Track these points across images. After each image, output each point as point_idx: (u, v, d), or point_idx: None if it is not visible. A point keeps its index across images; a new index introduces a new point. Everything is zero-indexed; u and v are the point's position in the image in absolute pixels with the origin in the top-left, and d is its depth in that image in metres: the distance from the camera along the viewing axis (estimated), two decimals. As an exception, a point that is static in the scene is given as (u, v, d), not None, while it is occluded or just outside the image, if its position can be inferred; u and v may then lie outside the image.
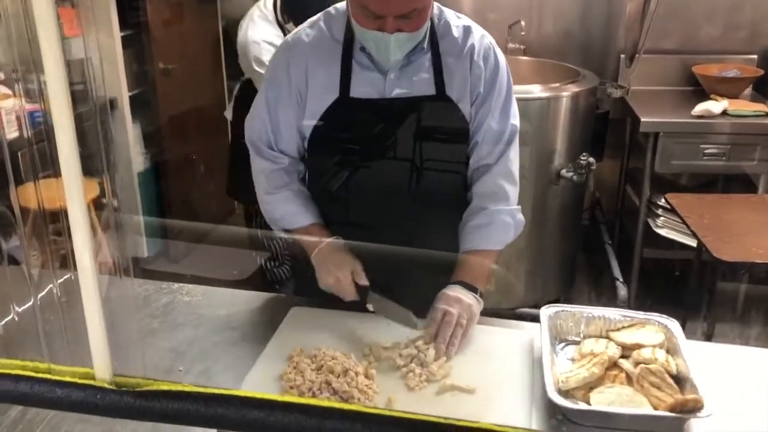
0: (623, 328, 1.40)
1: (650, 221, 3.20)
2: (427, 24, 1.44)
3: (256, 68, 2.69)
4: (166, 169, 3.75)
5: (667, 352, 1.33)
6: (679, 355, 1.30)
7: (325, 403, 0.73)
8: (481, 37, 1.52)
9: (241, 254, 3.69)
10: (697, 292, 2.71)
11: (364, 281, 1.44)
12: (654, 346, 1.33)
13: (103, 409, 0.79)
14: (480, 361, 1.35)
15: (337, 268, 1.45)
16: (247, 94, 3.12)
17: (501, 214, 1.52)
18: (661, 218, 3.14)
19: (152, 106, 3.63)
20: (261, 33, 2.72)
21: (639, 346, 1.33)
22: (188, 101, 3.91)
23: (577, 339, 1.42)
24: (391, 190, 1.54)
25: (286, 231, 1.58)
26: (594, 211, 3.80)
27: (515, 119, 1.54)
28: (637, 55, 2.94)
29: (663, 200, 3.08)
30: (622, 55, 3.46)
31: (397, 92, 1.48)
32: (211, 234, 4.11)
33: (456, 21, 1.53)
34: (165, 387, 0.78)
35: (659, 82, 3.50)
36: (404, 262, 1.53)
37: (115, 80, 3.42)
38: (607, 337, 1.39)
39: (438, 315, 1.39)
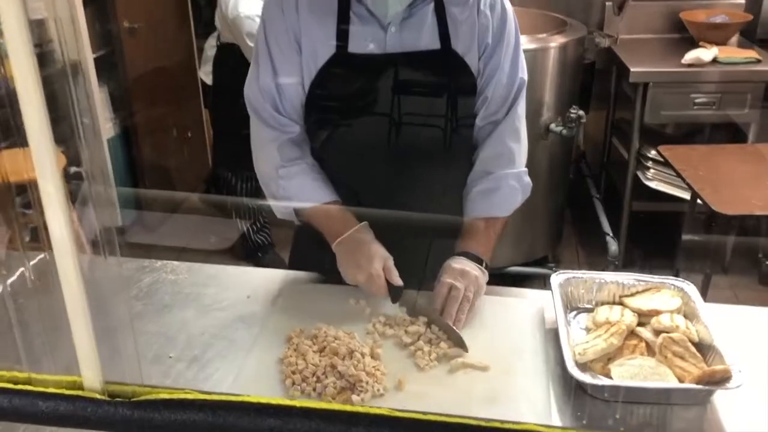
0: (637, 293, 1.34)
1: (639, 173, 3.14)
2: None
3: (250, 43, 2.61)
4: (137, 135, 3.59)
5: (685, 317, 1.27)
6: (699, 321, 1.23)
7: (349, 408, 0.65)
8: None
9: (220, 221, 3.58)
10: (691, 245, 2.66)
11: (398, 280, 1.31)
12: (672, 312, 1.26)
13: (96, 423, 0.69)
14: (489, 335, 1.27)
15: (369, 263, 1.30)
16: (226, 58, 2.98)
17: (507, 179, 1.44)
18: (651, 170, 3.08)
19: (119, 68, 3.45)
20: (253, 7, 2.65)
21: (656, 313, 1.26)
22: (157, 61, 3.73)
23: (589, 306, 1.35)
24: (396, 151, 1.43)
25: (297, 213, 1.43)
26: (580, 165, 3.73)
27: (524, 72, 1.44)
28: (626, 4, 2.83)
29: (653, 152, 3.02)
30: (608, 3, 3.36)
31: (399, 47, 1.36)
32: (187, 202, 3.98)
33: None
34: (165, 395, 0.69)
35: (645, 29, 3.41)
36: (410, 227, 1.43)
37: (77, 42, 3.22)
38: (621, 304, 1.33)
39: (443, 289, 1.30)
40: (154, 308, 1.39)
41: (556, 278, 1.34)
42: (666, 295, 1.31)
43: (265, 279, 1.49)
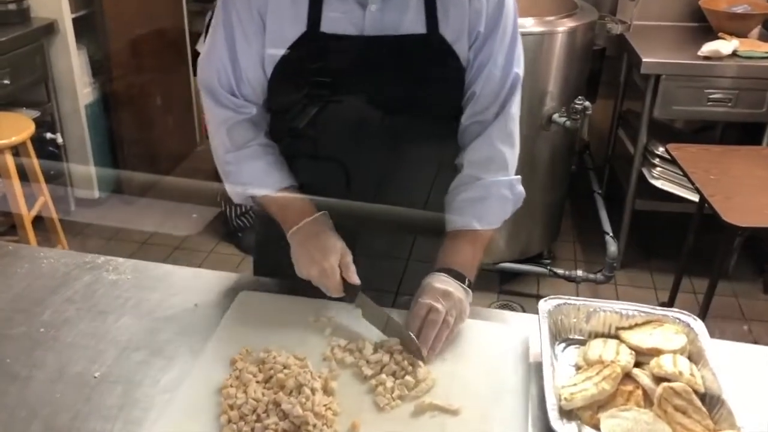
0: (636, 325, 1.17)
1: (645, 171, 2.95)
2: None
3: None
4: (117, 101, 3.40)
5: (690, 359, 1.10)
6: (707, 366, 1.07)
7: None
8: None
9: (202, 195, 3.40)
10: (695, 250, 2.49)
11: (355, 279, 1.16)
12: (675, 352, 1.10)
13: None
14: (464, 368, 1.11)
15: (324, 257, 1.16)
16: None
17: (499, 187, 1.26)
18: (658, 168, 2.89)
19: (99, 30, 3.24)
20: None
21: (657, 352, 1.10)
22: (142, 24, 3.52)
23: (581, 338, 1.18)
24: (368, 146, 1.26)
25: (253, 200, 1.30)
26: (582, 156, 3.55)
27: (519, 66, 1.25)
28: (643, -13, 2.62)
29: (661, 149, 2.84)
30: (623, -15, 3.15)
31: (379, 30, 1.18)
32: (169, 173, 3.81)
33: None
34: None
35: (661, 16, 3.20)
36: (380, 221, 1.29)
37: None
38: (617, 337, 1.16)
39: (422, 311, 1.13)
40: (88, 314, 1.22)
41: (545, 305, 1.17)
42: (669, 330, 1.15)
43: (219, 284, 1.32)
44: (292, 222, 1.22)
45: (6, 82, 2.83)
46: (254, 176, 1.26)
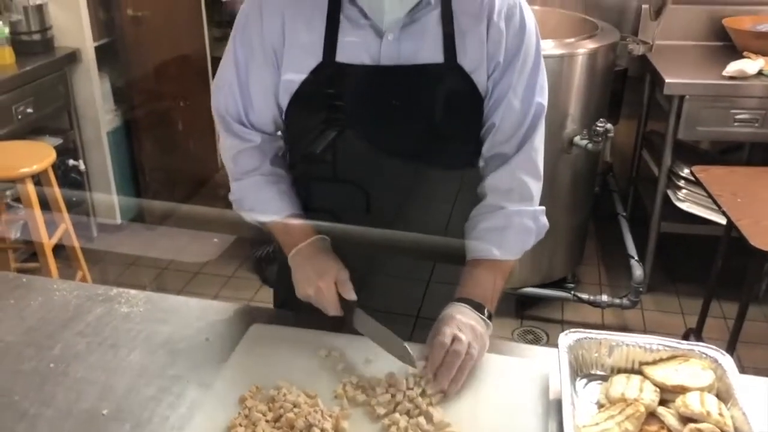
0: (661, 361, 1.12)
1: (670, 193, 2.89)
2: None
3: None
4: (139, 128, 3.43)
5: (719, 397, 1.05)
6: (736, 405, 1.02)
7: None
8: None
9: (221, 221, 3.40)
10: (724, 274, 2.42)
11: (351, 295, 1.16)
12: (702, 390, 1.05)
13: None
14: (480, 406, 1.07)
15: (319, 277, 1.18)
16: None
17: (521, 216, 1.23)
18: (684, 191, 2.83)
19: (122, 58, 3.28)
20: None
21: (683, 390, 1.05)
22: (164, 52, 3.56)
23: (603, 374, 1.14)
24: (385, 176, 1.24)
25: (262, 224, 1.31)
26: (606, 178, 3.49)
27: (542, 96, 1.21)
28: (664, 8, 2.58)
29: (686, 171, 2.78)
30: (645, 6, 3.11)
31: (395, 59, 1.16)
32: (190, 198, 3.83)
33: None
34: None
35: (684, 36, 3.15)
36: (395, 248, 1.27)
37: (78, 29, 3.07)
38: (641, 373, 1.11)
39: (446, 340, 1.10)
40: (99, 348, 1.21)
41: (565, 339, 1.13)
42: (696, 366, 1.10)
43: (232, 316, 1.30)
44: (291, 246, 1.24)
45: (29, 110, 2.87)
46: (256, 204, 1.27)
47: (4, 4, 2.94)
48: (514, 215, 1.23)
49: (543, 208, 1.26)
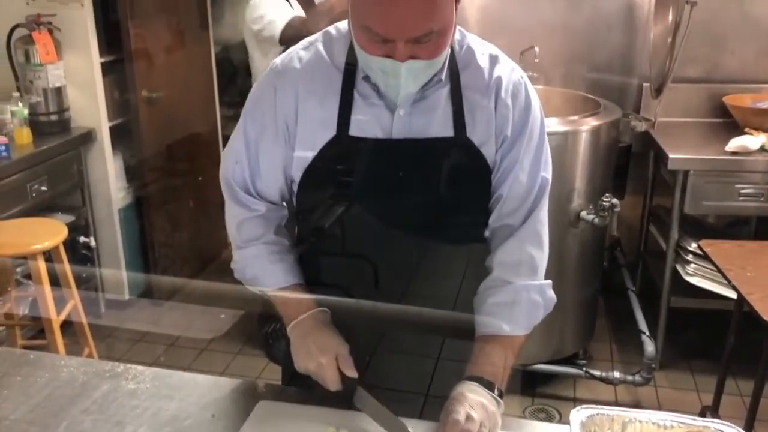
0: (676, 438, 1.10)
1: (679, 267, 2.88)
2: (447, 51, 1.15)
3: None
4: (150, 205, 3.48)
5: (737, 475, 1.03)
6: (755, 484, 0.99)
7: None
8: (510, 70, 1.24)
9: (229, 297, 3.40)
10: (738, 349, 2.38)
11: (351, 372, 1.16)
12: (719, 468, 1.02)
13: None
14: (494, 485, 1.05)
15: (320, 352, 1.18)
16: None
17: (529, 291, 1.24)
18: (692, 265, 2.82)
19: (135, 137, 3.37)
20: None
21: (700, 468, 1.02)
22: (176, 131, 3.65)
23: (617, 451, 1.11)
24: (396, 246, 1.26)
25: (263, 294, 1.31)
26: (614, 252, 3.49)
27: (547, 171, 1.25)
28: (664, 86, 2.65)
29: (694, 245, 2.78)
30: (646, 84, 3.18)
31: (406, 133, 1.20)
32: (199, 273, 3.84)
33: (481, 48, 1.24)
34: None
35: (685, 113, 3.21)
36: (402, 322, 1.27)
37: (93, 109, 3.16)
38: (656, 450, 1.09)
39: (460, 417, 1.08)
40: (105, 425, 1.19)
41: (577, 415, 1.11)
42: (712, 443, 1.07)
43: (238, 393, 1.29)
44: (291, 317, 1.24)
45: (44, 188, 2.92)
46: (256, 274, 1.29)
47: (25, 87, 3.04)
48: (522, 290, 1.24)
49: (550, 281, 1.26)
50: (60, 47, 3.05)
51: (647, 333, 2.87)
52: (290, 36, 2.54)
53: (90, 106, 3.16)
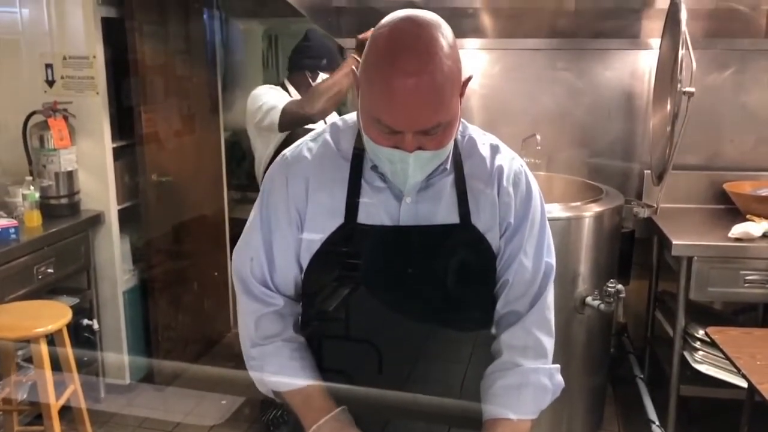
0: None
1: (687, 354, 2.85)
2: (452, 141, 1.20)
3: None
4: (155, 287, 3.47)
5: None
6: None
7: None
8: (511, 159, 1.29)
9: (231, 383, 3.35)
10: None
11: None
12: None
13: None
14: None
15: None
16: None
17: (538, 374, 1.24)
18: (700, 352, 2.79)
19: (143, 220, 3.40)
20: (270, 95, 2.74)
21: None
22: (183, 213, 3.70)
23: None
24: (404, 332, 1.27)
25: (275, 394, 1.29)
26: (621, 338, 3.46)
27: (550, 256, 1.28)
28: (665, 173, 2.70)
29: (701, 332, 2.75)
30: (647, 171, 3.24)
31: (413, 220, 1.23)
32: (201, 356, 3.80)
33: (482, 138, 1.30)
34: None
35: (687, 199, 3.25)
36: (410, 412, 1.27)
37: (103, 193, 3.22)
38: None
39: None
40: None
41: None
42: None
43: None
44: (312, 419, 1.21)
45: (50, 270, 2.94)
46: (279, 372, 1.26)
47: (38, 171, 3.10)
48: (531, 373, 1.24)
49: (558, 366, 1.26)
50: (74, 132, 3.13)
51: (657, 422, 2.81)
52: (288, 121, 2.60)
53: (100, 189, 3.21)
